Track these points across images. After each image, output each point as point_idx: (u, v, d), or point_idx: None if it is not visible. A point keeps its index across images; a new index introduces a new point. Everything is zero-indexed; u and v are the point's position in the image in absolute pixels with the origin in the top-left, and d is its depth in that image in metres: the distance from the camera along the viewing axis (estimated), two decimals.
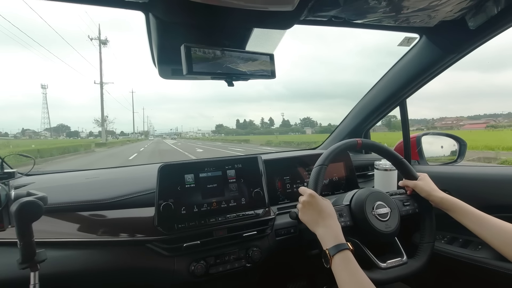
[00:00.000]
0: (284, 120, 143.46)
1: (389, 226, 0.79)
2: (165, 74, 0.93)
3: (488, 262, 0.90)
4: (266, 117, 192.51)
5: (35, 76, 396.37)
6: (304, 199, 0.74)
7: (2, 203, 0.62)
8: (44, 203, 0.62)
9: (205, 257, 0.86)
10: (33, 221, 0.61)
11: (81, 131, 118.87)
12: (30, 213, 0.59)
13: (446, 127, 51.93)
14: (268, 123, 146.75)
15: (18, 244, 0.60)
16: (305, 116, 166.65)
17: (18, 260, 0.61)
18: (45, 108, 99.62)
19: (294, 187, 1.15)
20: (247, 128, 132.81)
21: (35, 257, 0.62)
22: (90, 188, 1.00)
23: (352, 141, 0.87)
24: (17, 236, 0.60)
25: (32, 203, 0.59)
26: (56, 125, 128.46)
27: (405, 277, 0.75)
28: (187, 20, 0.69)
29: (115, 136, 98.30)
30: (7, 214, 0.62)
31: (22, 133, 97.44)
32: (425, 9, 0.81)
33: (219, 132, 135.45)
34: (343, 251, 0.63)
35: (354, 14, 0.83)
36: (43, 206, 0.61)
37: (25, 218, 0.59)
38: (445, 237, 1.07)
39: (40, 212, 0.60)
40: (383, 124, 70.04)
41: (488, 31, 0.88)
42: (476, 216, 0.74)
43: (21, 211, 0.58)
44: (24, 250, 0.61)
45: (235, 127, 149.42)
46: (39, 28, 34.48)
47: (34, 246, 0.62)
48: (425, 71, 1.11)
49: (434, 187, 0.84)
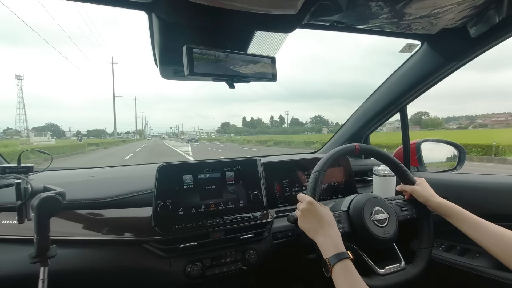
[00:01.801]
0: (293, 118, 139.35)
1: (387, 232, 0.79)
2: (167, 74, 0.93)
3: (485, 270, 0.90)
4: (266, 117, 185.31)
5: (32, 75, 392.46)
6: (303, 206, 0.73)
7: (23, 197, 0.63)
8: (63, 198, 0.63)
9: (201, 258, 0.86)
10: (52, 216, 0.62)
11: (67, 131, 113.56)
12: (50, 208, 0.60)
13: (499, 125, 45.21)
14: (278, 122, 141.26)
15: (35, 238, 0.61)
16: (316, 114, 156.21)
17: (31, 254, 0.62)
18: (21, 103, 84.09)
19: (293, 190, 1.15)
20: (256, 127, 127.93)
21: (48, 252, 0.63)
22: (88, 186, 1.00)
23: (350, 146, 0.87)
24: (34, 230, 0.60)
25: (52, 198, 0.60)
26: (44, 124, 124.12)
27: (404, 283, 0.75)
28: (189, 21, 0.70)
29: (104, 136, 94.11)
30: (25, 207, 0.64)
31: (4, 133, 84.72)
32: (427, 17, 0.81)
33: (226, 132, 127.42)
34: (343, 260, 0.63)
35: (356, 20, 0.83)
36: (62, 201, 0.62)
37: (45, 213, 0.60)
38: (442, 245, 1.07)
39: (59, 207, 0.61)
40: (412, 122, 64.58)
41: (489, 40, 0.88)
42: (474, 222, 0.74)
43: (42, 205, 0.59)
44: (39, 244, 0.61)
45: (241, 125, 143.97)
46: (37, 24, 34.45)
47: (49, 241, 0.63)
48: (426, 78, 1.12)
49: (432, 192, 0.84)
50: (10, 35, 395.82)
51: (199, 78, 0.81)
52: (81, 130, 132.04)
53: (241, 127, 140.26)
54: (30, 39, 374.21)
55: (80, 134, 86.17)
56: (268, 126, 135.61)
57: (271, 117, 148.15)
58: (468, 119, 57.98)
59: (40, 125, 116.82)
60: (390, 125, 68.04)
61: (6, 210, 0.83)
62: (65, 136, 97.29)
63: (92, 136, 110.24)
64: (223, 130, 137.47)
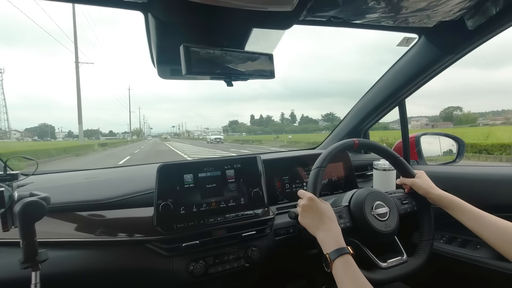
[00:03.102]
0: (304, 116, 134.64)
1: (389, 225, 0.79)
2: (164, 74, 0.93)
3: (486, 261, 0.91)
4: (275, 115, 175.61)
5: (27, 75, 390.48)
6: (304, 202, 0.74)
7: (6, 204, 0.62)
8: (47, 203, 0.63)
9: (204, 257, 0.86)
10: (36, 221, 0.61)
11: (58, 131, 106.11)
12: (33, 213, 0.60)
13: None
14: (289, 119, 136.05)
15: (21, 244, 0.61)
16: (327, 111, 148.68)
17: (20, 260, 0.61)
18: (2, 99, 77.56)
19: (293, 187, 1.15)
20: (267, 126, 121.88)
21: (37, 257, 0.62)
22: (89, 188, 1.00)
23: (349, 141, 0.88)
24: (20, 236, 0.60)
25: (35, 203, 0.60)
26: (37, 124, 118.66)
27: (406, 275, 0.76)
28: (186, 20, 0.69)
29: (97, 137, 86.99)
30: (10, 215, 0.63)
31: None
32: (424, 10, 0.81)
33: (235, 130, 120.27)
34: (344, 255, 0.64)
35: (353, 14, 0.83)
36: (46, 206, 0.62)
37: (28, 218, 0.60)
38: (443, 237, 1.07)
39: (43, 212, 0.61)
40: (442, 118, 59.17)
41: (487, 31, 0.88)
42: (474, 213, 0.74)
43: (24, 211, 0.59)
44: (26, 249, 0.61)
45: (249, 124, 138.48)
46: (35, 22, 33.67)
47: (36, 246, 0.62)
48: (424, 71, 1.12)
49: (432, 184, 0.85)
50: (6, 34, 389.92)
51: (197, 77, 0.80)
52: (74, 130, 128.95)
53: (249, 125, 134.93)
54: (30, 39, 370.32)
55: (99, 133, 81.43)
56: (279, 124, 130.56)
57: (282, 115, 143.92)
58: (496, 115, 54.26)
59: (33, 126, 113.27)
60: (417, 121, 62.19)
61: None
62: (50, 138, 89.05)
63: (88, 136, 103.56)
64: (231, 129, 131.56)
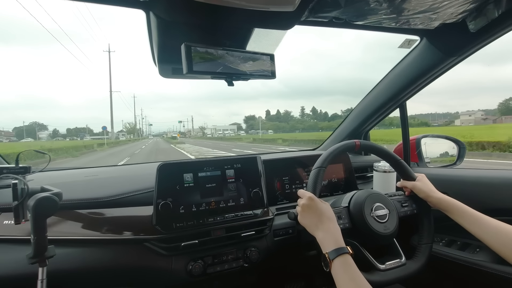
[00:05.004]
0: (322, 112, 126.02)
1: (388, 227, 0.79)
2: (165, 73, 0.93)
3: (485, 265, 0.90)
4: (292, 111, 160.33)
5: (26, 74, 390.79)
6: (304, 202, 0.74)
7: (20, 197, 0.63)
8: (60, 199, 0.63)
9: (202, 256, 0.86)
10: (48, 216, 0.62)
11: (39, 131, 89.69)
12: (47, 209, 0.60)
13: None
14: (311, 115, 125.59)
15: (32, 239, 0.61)
16: (348, 107, 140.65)
17: (29, 255, 0.62)
18: None
19: (293, 187, 1.15)
20: (289, 121, 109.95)
21: (46, 252, 0.63)
22: (89, 186, 1.00)
23: (350, 142, 0.87)
24: (31, 230, 0.61)
25: (49, 198, 0.60)
26: (29, 123, 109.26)
27: (404, 278, 0.75)
28: (188, 19, 0.69)
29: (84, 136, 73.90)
30: (22, 208, 0.64)
31: None
32: (425, 12, 0.81)
33: (254, 128, 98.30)
34: (343, 255, 0.63)
35: (355, 16, 0.83)
36: (59, 202, 0.62)
37: (41, 213, 0.60)
38: (443, 240, 1.07)
39: (56, 207, 0.61)
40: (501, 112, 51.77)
41: (489, 34, 0.88)
42: (474, 216, 0.74)
43: (38, 205, 0.59)
44: (37, 244, 0.61)
45: (265, 120, 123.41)
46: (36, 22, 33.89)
47: (46, 242, 0.63)
48: (425, 73, 1.11)
49: (432, 187, 0.84)
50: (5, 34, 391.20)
51: (198, 76, 0.80)
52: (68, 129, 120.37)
53: (268, 122, 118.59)
54: (29, 38, 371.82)
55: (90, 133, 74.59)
56: (299, 120, 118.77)
57: (302, 109, 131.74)
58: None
59: (25, 124, 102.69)
60: (470, 116, 48.35)
61: (6, 211, 0.83)
62: (29, 138, 74.79)
63: (72, 136, 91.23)
64: (249, 126, 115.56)
